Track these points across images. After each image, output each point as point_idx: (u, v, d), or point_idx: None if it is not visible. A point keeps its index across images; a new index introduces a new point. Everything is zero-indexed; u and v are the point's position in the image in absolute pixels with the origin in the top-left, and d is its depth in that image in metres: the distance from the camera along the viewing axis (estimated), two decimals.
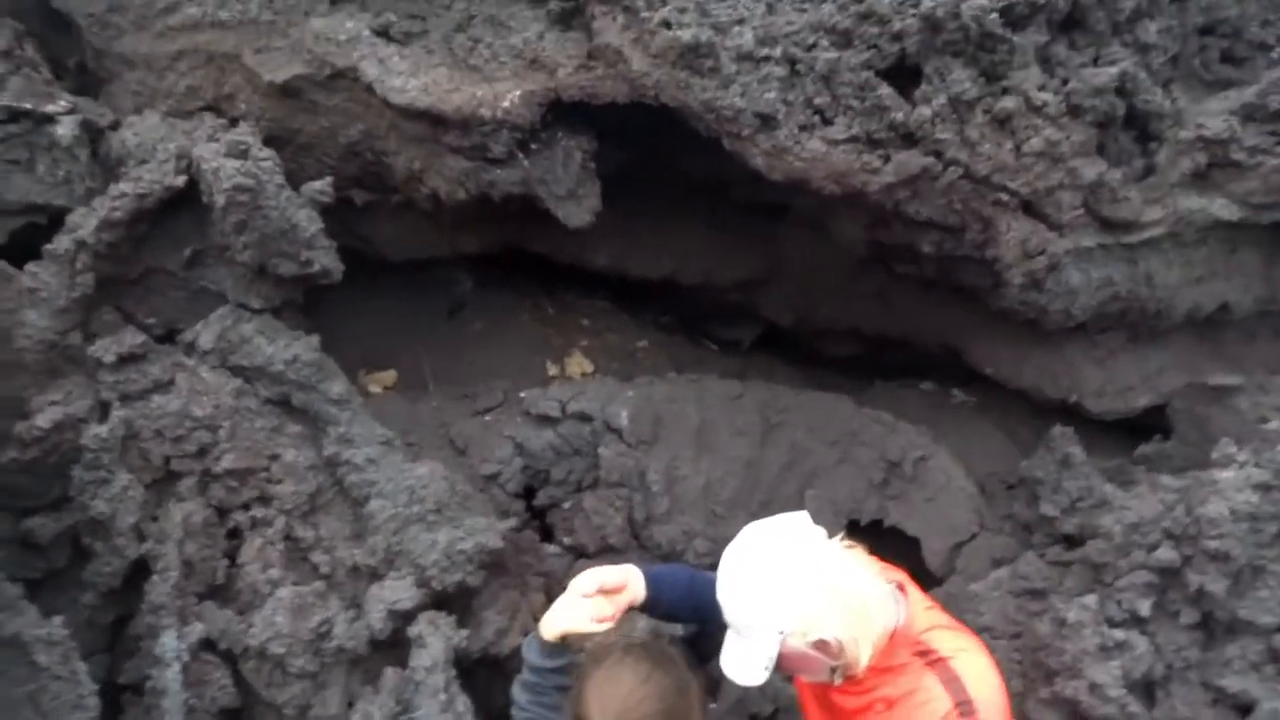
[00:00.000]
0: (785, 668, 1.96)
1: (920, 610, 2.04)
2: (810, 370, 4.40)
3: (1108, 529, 2.89)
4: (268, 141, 3.15)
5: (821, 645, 1.87)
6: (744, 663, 1.88)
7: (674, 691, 1.88)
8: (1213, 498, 2.72)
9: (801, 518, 1.95)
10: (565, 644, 2.03)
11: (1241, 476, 2.71)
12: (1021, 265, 2.86)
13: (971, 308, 3.48)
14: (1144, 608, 2.76)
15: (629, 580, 2.08)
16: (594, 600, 2.01)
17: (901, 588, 2.05)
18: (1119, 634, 2.73)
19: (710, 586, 2.10)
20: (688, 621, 2.43)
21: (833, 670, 1.94)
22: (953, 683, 1.90)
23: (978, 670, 1.95)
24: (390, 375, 3.98)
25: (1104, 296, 3.25)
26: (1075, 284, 3.15)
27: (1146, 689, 2.78)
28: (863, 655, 1.90)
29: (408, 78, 2.98)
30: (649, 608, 2.13)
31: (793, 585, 1.84)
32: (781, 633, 1.85)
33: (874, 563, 2.03)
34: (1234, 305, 3.42)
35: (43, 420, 2.83)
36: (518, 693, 2.05)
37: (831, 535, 1.97)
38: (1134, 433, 3.80)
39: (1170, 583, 2.78)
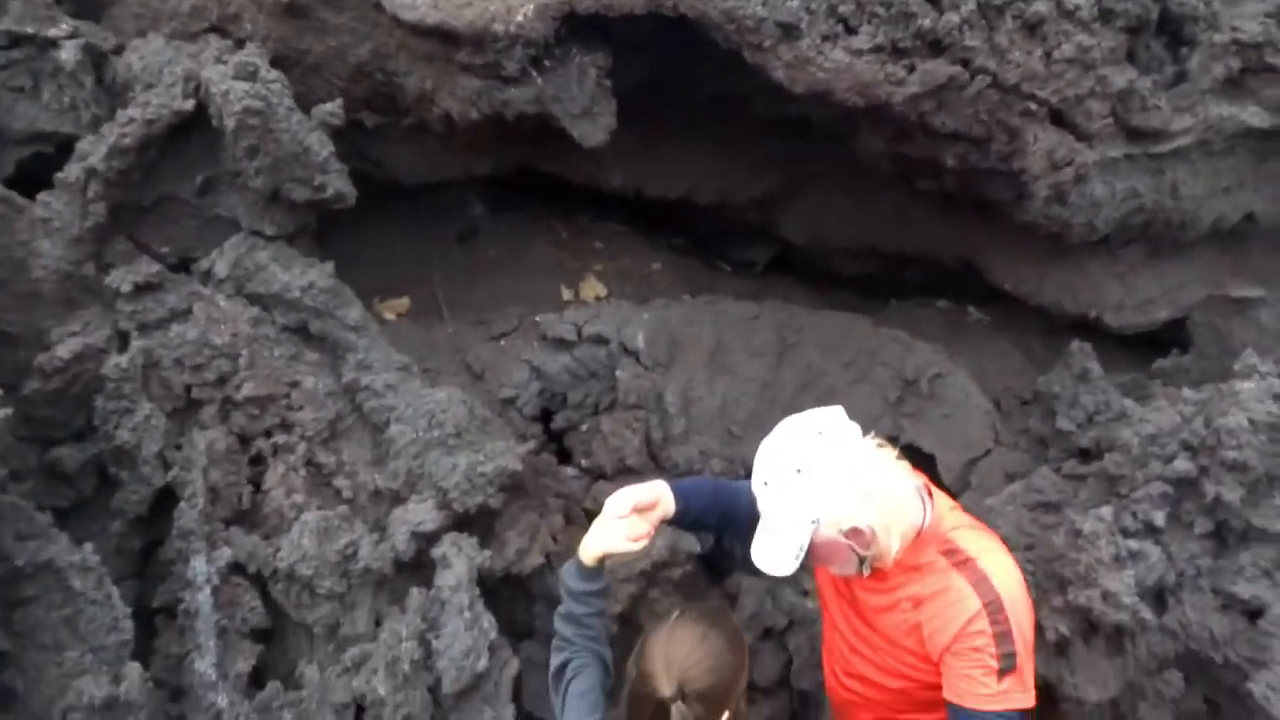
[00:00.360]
0: (814, 558, 2.00)
1: (945, 510, 2.08)
2: (825, 291, 4.37)
3: (1125, 442, 2.90)
4: (275, 63, 3.07)
5: (854, 533, 1.90)
6: (775, 553, 1.92)
7: (727, 649, 1.96)
8: (1233, 409, 2.72)
9: (836, 412, 1.95)
10: (602, 566, 2.09)
11: (1263, 387, 2.70)
12: (1048, 177, 2.81)
13: (992, 223, 3.44)
14: (1159, 518, 2.78)
15: (660, 496, 2.11)
16: (629, 520, 2.04)
17: (927, 489, 2.08)
18: (1133, 544, 2.76)
19: (732, 493, 2.17)
20: (713, 529, 2.47)
21: (861, 561, 1.98)
22: (981, 583, 1.94)
23: (1003, 570, 1.99)
24: (403, 302, 3.96)
25: (1128, 209, 3.20)
26: (1099, 196, 3.10)
27: (1158, 596, 2.82)
28: (893, 546, 1.94)
29: None
30: (678, 520, 2.17)
31: (826, 475, 1.87)
32: (814, 521, 1.88)
33: (901, 462, 2.06)
34: (1260, 216, 3.37)
35: (63, 351, 2.83)
36: (560, 626, 2.11)
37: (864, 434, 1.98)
38: (1151, 348, 3.78)
39: (1186, 493, 2.80)
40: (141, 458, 2.80)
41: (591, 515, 3.32)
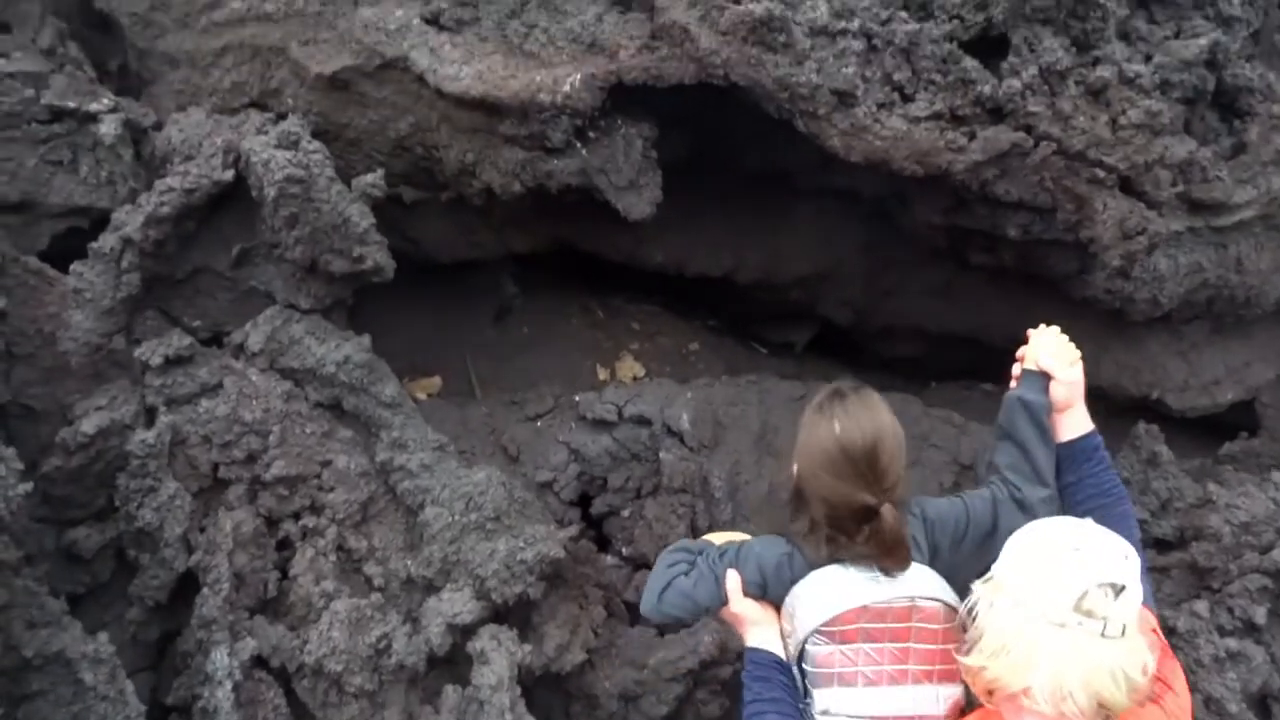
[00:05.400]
0: None
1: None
2: (865, 373, 4.22)
3: (1215, 530, 2.71)
4: (315, 137, 3.03)
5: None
6: None
7: (882, 410, 1.93)
8: None
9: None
10: None
11: None
12: (1119, 246, 2.70)
13: (1046, 299, 3.32)
14: (1259, 615, 2.58)
15: None
16: None
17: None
18: (1232, 643, 2.55)
19: None
20: None
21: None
22: None
23: None
24: (435, 382, 3.85)
25: (1192, 284, 3.09)
26: (1163, 270, 2.99)
27: (1261, 703, 2.59)
28: (976, 678, 1.70)
29: (460, 65, 2.86)
30: None
31: (1012, 591, 1.66)
32: None
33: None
34: None
35: (87, 426, 2.71)
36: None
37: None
38: (1211, 432, 3.61)
39: None
40: (164, 540, 2.64)
41: (631, 606, 3.16)
